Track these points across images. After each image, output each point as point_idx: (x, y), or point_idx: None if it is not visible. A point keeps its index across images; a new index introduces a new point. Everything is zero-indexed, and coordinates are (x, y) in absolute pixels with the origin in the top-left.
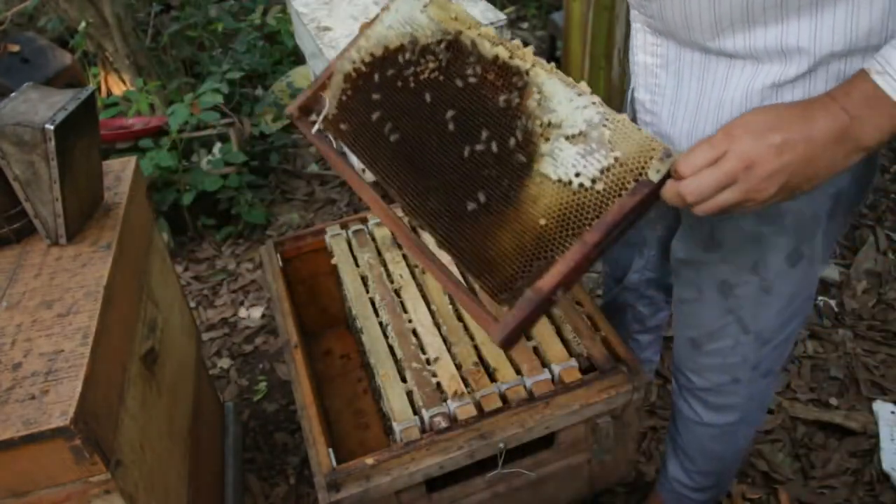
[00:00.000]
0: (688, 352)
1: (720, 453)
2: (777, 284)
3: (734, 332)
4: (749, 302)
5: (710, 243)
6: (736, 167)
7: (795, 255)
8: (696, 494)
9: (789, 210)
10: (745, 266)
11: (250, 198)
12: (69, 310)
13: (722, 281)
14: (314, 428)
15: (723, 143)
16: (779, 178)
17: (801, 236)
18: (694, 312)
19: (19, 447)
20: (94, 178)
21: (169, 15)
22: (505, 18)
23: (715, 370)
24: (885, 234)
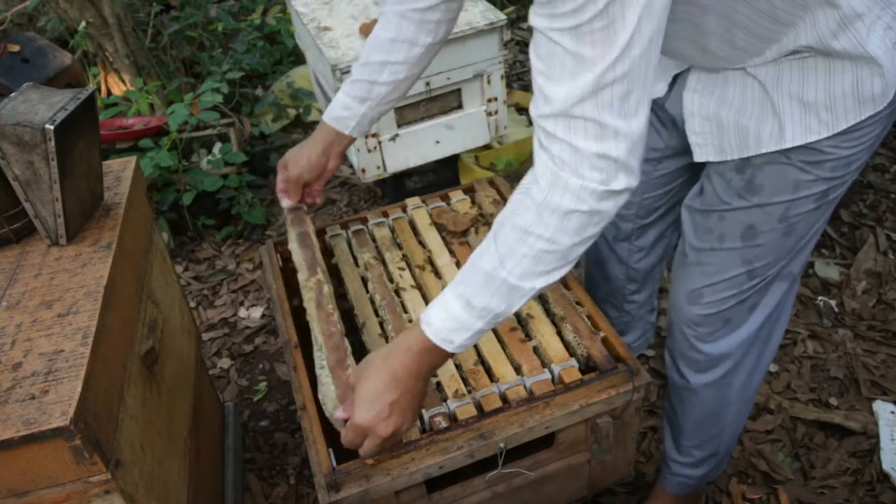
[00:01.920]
0: (685, 308)
1: (715, 414)
2: (799, 227)
3: (742, 280)
4: (768, 249)
5: (747, 190)
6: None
7: (823, 198)
8: (695, 471)
9: (831, 157)
10: (776, 213)
11: (250, 198)
12: (69, 310)
13: (749, 226)
14: (314, 428)
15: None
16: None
17: (833, 182)
18: (706, 262)
19: (19, 447)
20: (94, 178)
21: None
22: (505, 18)
23: (710, 321)
24: (885, 234)
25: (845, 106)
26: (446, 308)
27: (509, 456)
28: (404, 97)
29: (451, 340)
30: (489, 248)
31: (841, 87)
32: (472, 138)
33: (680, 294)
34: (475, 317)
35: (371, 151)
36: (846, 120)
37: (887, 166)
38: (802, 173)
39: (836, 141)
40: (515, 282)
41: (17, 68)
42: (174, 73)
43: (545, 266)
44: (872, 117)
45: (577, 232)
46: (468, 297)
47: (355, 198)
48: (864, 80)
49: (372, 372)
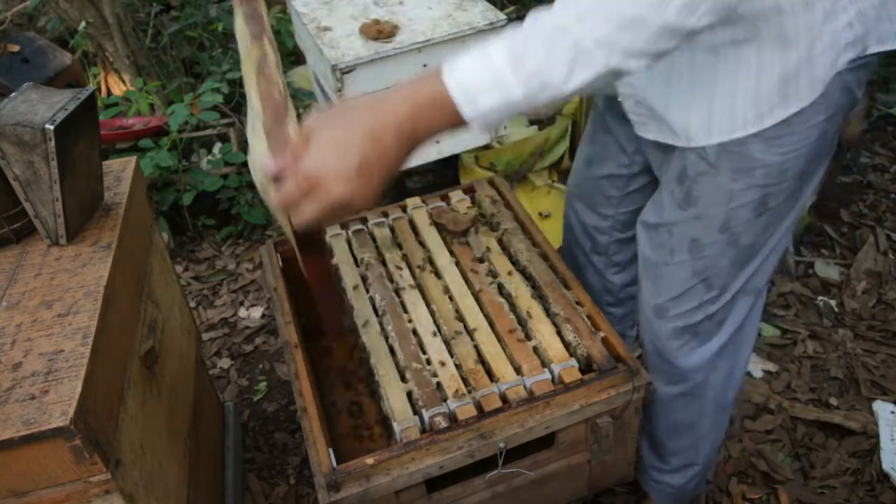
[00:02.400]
0: (652, 320)
1: (691, 423)
2: (742, 237)
3: (700, 291)
4: (715, 259)
5: (686, 202)
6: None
7: (762, 207)
8: (675, 478)
9: (761, 164)
10: (715, 224)
11: (250, 198)
12: (69, 310)
13: (693, 239)
14: (314, 428)
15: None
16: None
17: (768, 189)
18: (662, 276)
19: (19, 447)
20: (94, 178)
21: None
22: (505, 18)
23: (678, 334)
24: (885, 234)
25: (770, 102)
26: (485, 59)
27: (509, 456)
28: None
29: (476, 101)
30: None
31: (769, 82)
32: (472, 138)
33: (646, 309)
34: (520, 80)
35: None
36: (772, 116)
37: (887, 166)
38: (733, 182)
39: (765, 146)
40: (591, 45)
41: (17, 68)
42: (174, 73)
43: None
44: (801, 119)
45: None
46: (520, 52)
47: None
48: (789, 74)
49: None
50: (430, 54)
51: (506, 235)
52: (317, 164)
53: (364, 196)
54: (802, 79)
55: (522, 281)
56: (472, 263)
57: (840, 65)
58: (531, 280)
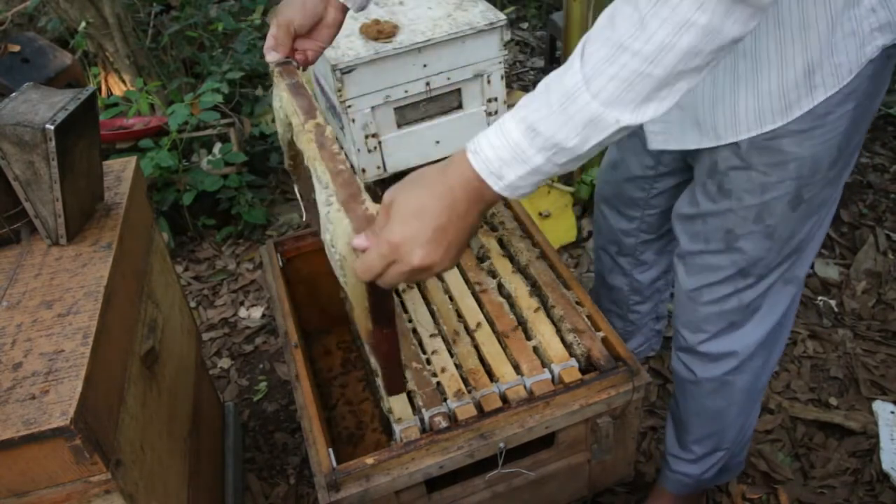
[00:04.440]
0: (686, 306)
1: (717, 410)
2: (779, 229)
3: (735, 279)
4: (752, 250)
5: (719, 195)
6: (411, 272)
7: (797, 200)
8: (694, 468)
9: (793, 157)
10: (749, 216)
11: (250, 198)
12: (69, 310)
13: (728, 230)
14: (314, 428)
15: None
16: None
17: (802, 181)
18: (699, 263)
19: (19, 447)
20: (94, 178)
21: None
22: (505, 19)
23: (713, 320)
24: (885, 234)
25: (798, 92)
26: (502, 134)
27: (509, 456)
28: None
29: (502, 176)
30: (572, 65)
31: (793, 74)
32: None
33: (681, 294)
34: (536, 148)
35: (371, 151)
36: (799, 106)
37: (887, 166)
38: (766, 176)
39: (796, 139)
40: (599, 107)
41: (18, 68)
42: (174, 73)
43: (637, 93)
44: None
45: (685, 54)
46: (533, 121)
47: None
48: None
49: (416, 189)
50: (430, 54)
51: (506, 235)
52: (398, 232)
53: (441, 257)
54: (825, 67)
55: (522, 281)
56: (472, 263)
57: (870, 52)
58: (531, 280)
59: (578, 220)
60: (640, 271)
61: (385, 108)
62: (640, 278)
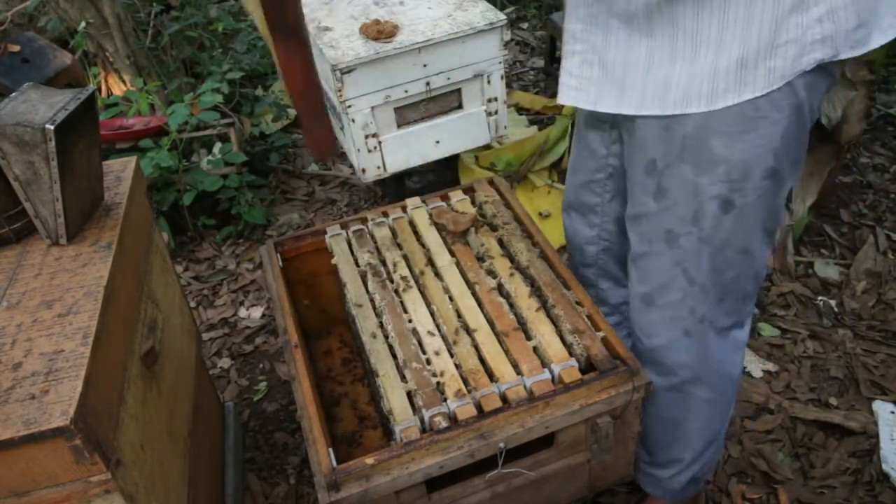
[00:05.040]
0: (641, 310)
1: (676, 419)
2: (712, 234)
3: (682, 283)
4: (691, 253)
5: (658, 194)
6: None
7: (727, 205)
8: (662, 472)
9: (723, 160)
10: (686, 216)
11: (250, 198)
12: (69, 310)
13: (667, 230)
14: (314, 428)
15: None
16: None
17: (733, 186)
18: (645, 266)
19: (19, 447)
20: (94, 178)
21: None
22: (505, 19)
23: (666, 325)
24: (885, 234)
25: (727, 81)
26: None
27: (509, 456)
28: None
29: None
30: None
31: (726, 62)
32: (472, 138)
33: (635, 299)
34: None
35: (371, 151)
36: (725, 98)
37: (887, 166)
38: (698, 176)
39: (724, 140)
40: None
41: (18, 68)
42: (174, 73)
43: None
44: (759, 114)
45: None
46: None
47: (355, 198)
48: (748, 58)
49: None
50: (430, 54)
51: (506, 235)
52: None
53: None
54: (760, 67)
55: (522, 281)
56: (472, 263)
57: (806, 63)
58: (531, 280)
59: None
60: (606, 283)
61: (385, 108)
62: (605, 290)
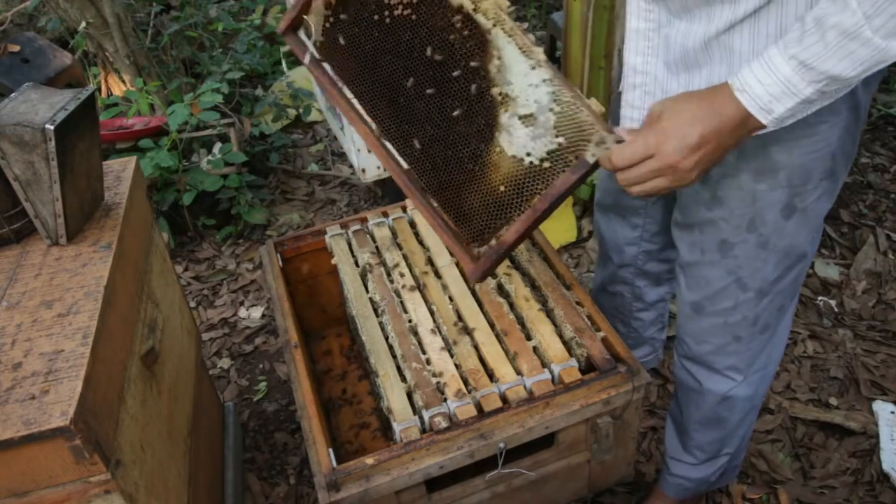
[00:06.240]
0: (690, 317)
1: (720, 419)
2: (773, 239)
3: (734, 291)
4: (747, 260)
5: (712, 203)
6: (661, 167)
7: (789, 209)
8: (695, 472)
9: (782, 166)
10: (742, 223)
11: (250, 198)
12: (69, 310)
13: (722, 240)
14: (314, 428)
15: (651, 144)
16: (697, 168)
17: (794, 190)
18: (697, 275)
19: (19, 447)
20: (94, 178)
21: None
22: None
23: (717, 332)
24: (885, 234)
25: None
26: (772, 71)
27: (509, 456)
28: None
29: (771, 110)
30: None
31: None
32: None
33: (684, 306)
34: (808, 81)
35: (371, 151)
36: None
37: (887, 166)
38: (756, 183)
39: (784, 147)
40: (881, 42)
41: (18, 68)
42: (174, 73)
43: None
44: (820, 120)
45: None
46: (806, 58)
47: (355, 198)
48: None
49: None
50: None
51: None
52: (669, 127)
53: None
54: None
55: (522, 281)
56: None
57: None
58: (531, 280)
59: (578, 220)
60: (643, 281)
61: None
62: (642, 287)
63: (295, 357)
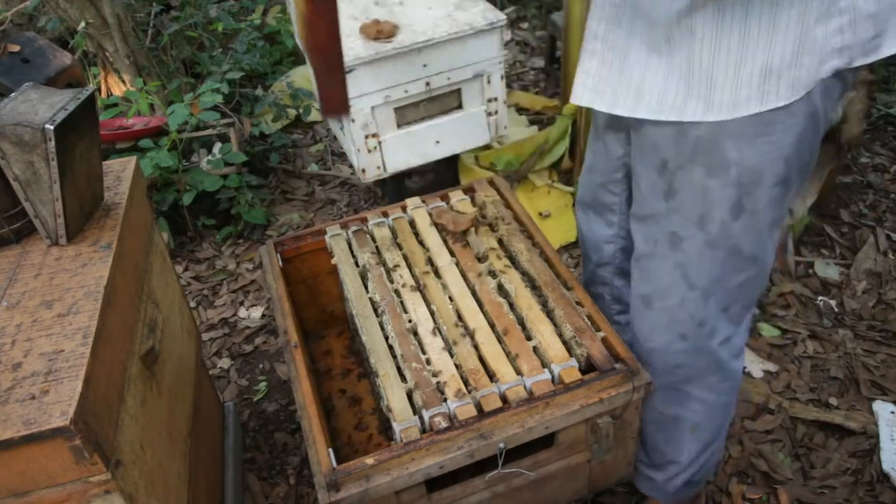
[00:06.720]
0: (640, 311)
1: (671, 418)
2: (720, 237)
3: (681, 287)
4: (694, 256)
5: (667, 194)
6: None
7: (738, 208)
8: (659, 474)
9: (734, 163)
10: (692, 218)
11: (250, 198)
12: (69, 310)
13: (672, 232)
14: (314, 428)
15: None
16: None
17: (744, 189)
18: (647, 267)
19: (19, 447)
20: (94, 178)
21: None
22: (505, 19)
23: (662, 328)
24: (885, 234)
25: (749, 91)
26: None
27: (509, 456)
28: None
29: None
30: None
31: (750, 69)
32: (472, 138)
33: (635, 299)
34: None
35: (371, 151)
36: (747, 107)
37: (887, 166)
38: (708, 178)
39: (738, 144)
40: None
41: (17, 68)
42: (174, 73)
43: None
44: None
45: None
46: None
47: (355, 198)
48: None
49: None
50: (430, 54)
51: (506, 235)
52: None
53: None
54: (784, 77)
55: (522, 281)
56: (472, 263)
57: (824, 72)
58: (531, 280)
59: None
60: (621, 282)
61: (385, 108)
62: (620, 288)
63: (295, 357)
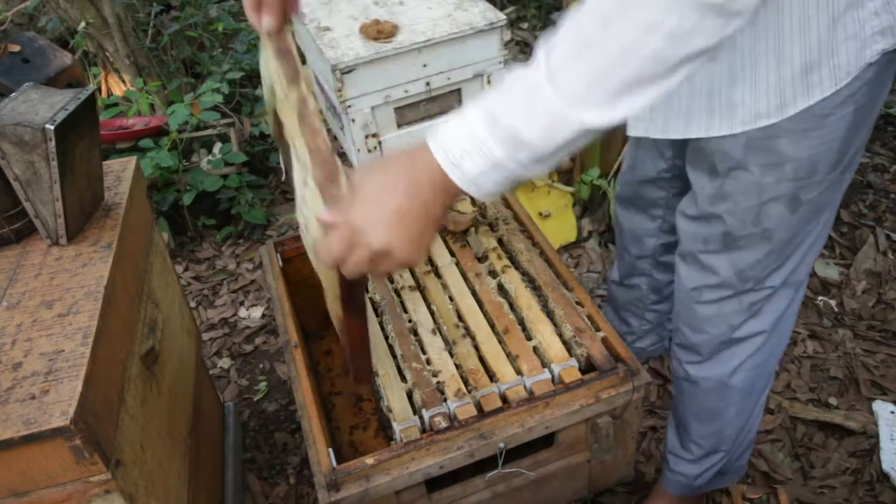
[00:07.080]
0: (688, 305)
1: (715, 410)
2: (777, 232)
3: (734, 282)
4: (749, 252)
5: (719, 197)
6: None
7: (795, 203)
8: (692, 468)
9: (790, 159)
10: (748, 217)
11: (250, 198)
12: (69, 310)
13: (726, 232)
14: (314, 428)
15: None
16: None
17: (800, 183)
18: (698, 264)
19: (19, 447)
20: (94, 178)
21: (169, 15)
22: (505, 19)
23: (712, 320)
24: (885, 234)
25: (794, 89)
26: (463, 121)
27: (509, 456)
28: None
29: (460, 166)
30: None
31: (790, 71)
32: None
33: (682, 292)
34: (497, 139)
35: (371, 151)
36: (795, 105)
37: (887, 166)
38: (763, 177)
39: (792, 139)
40: (562, 105)
41: (18, 68)
42: (174, 73)
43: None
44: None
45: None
46: (494, 109)
47: None
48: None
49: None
50: (430, 54)
51: (506, 235)
52: (358, 213)
53: (402, 244)
54: (824, 67)
55: (522, 281)
56: (472, 263)
57: (870, 56)
58: (531, 280)
59: (578, 220)
60: (660, 271)
61: (385, 108)
62: (659, 278)
63: (295, 357)
